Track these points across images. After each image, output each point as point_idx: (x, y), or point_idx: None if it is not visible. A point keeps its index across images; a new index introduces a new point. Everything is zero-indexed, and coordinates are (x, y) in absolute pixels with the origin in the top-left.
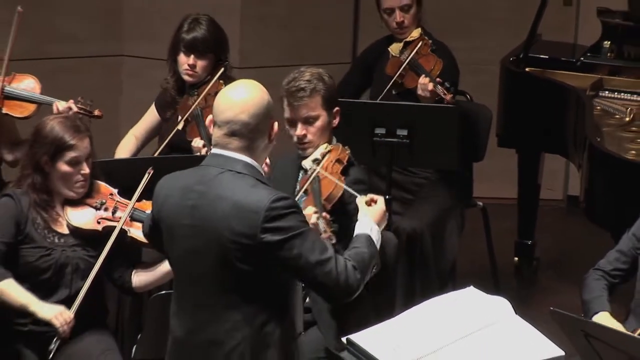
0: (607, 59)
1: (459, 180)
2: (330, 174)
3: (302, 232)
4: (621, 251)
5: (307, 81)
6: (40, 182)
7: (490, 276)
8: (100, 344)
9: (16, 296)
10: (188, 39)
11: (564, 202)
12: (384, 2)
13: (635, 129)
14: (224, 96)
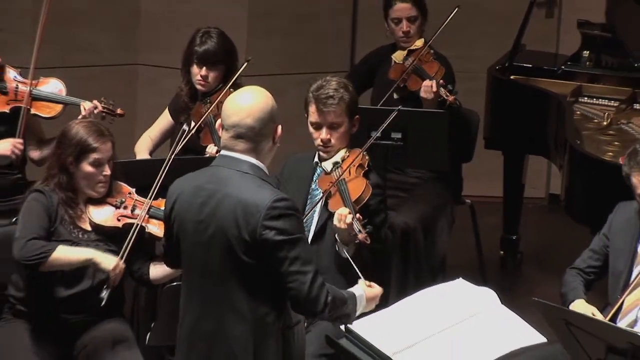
0: (586, 67)
1: (449, 179)
2: (354, 177)
3: (295, 238)
4: (593, 250)
5: (334, 90)
6: (66, 181)
7: (478, 269)
8: (116, 331)
9: (75, 255)
10: (200, 52)
11: (546, 200)
12: (392, 12)
13: (612, 133)
14: (231, 101)
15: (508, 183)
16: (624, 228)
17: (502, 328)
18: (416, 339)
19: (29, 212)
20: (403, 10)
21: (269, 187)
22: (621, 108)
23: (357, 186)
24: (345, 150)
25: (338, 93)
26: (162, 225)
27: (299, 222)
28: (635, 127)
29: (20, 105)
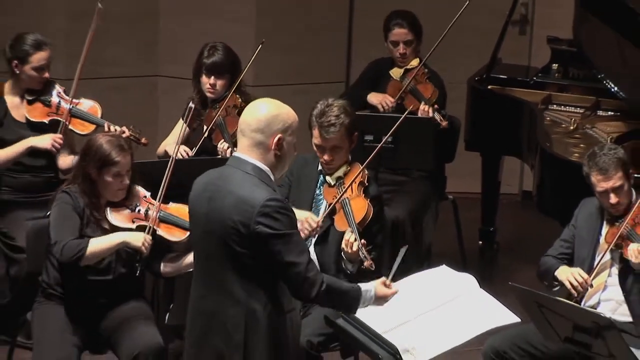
0: (555, 78)
1: (434, 178)
2: (356, 196)
3: (286, 233)
4: (564, 239)
5: (336, 116)
6: (89, 188)
7: (459, 257)
8: (137, 310)
9: (108, 243)
10: (208, 63)
11: (519, 196)
12: (391, 35)
13: (578, 136)
14: (247, 110)
15: (486, 181)
16: (587, 221)
17: (480, 309)
18: (405, 319)
19: (61, 215)
20: (400, 35)
21: (265, 187)
22: (586, 114)
23: (360, 207)
24: (346, 165)
25: (339, 119)
26: (171, 228)
27: (290, 219)
28: (599, 131)
29: (59, 119)
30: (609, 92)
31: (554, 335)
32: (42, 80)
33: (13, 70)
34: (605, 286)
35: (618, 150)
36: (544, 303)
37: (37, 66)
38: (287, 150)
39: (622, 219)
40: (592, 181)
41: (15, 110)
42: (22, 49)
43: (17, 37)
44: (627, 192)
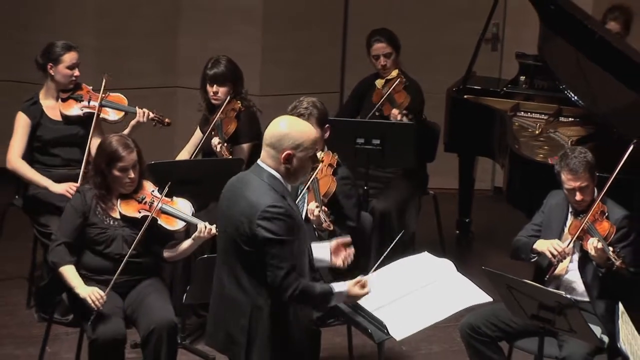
0: (523, 89)
1: (417, 175)
2: (324, 175)
3: (278, 239)
4: (534, 223)
5: (305, 108)
6: (100, 181)
7: (439, 244)
8: (153, 286)
9: (69, 279)
10: (210, 74)
11: (491, 191)
12: (372, 50)
13: (542, 139)
14: (270, 124)
15: (462, 178)
16: (554, 210)
17: (458, 290)
18: (392, 298)
19: (65, 216)
20: (379, 49)
21: (273, 194)
22: (549, 120)
23: (325, 183)
24: (320, 153)
25: (307, 111)
26: (170, 219)
27: (286, 226)
28: (561, 135)
29: (93, 111)
30: (570, 101)
31: (522, 313)
32: (74, 79)
33: (48, 73)
34: (567, 270)
35: (587, 154)
36: (513, 285)
37: (69, 64)
38: (297, 165)
39: (585, 214)
40: (562, 179)
41: (51, 111)
42: (54, 52)
43: (48, 45)
44: (591, 191)
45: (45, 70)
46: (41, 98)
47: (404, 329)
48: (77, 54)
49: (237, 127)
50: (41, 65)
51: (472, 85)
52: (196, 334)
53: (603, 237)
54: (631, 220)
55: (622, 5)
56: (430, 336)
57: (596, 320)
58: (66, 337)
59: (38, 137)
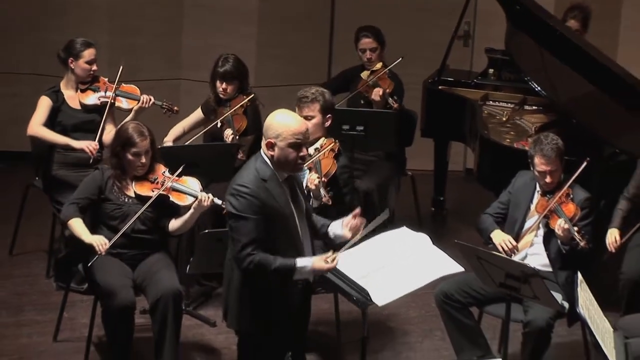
0: (491, 80)
1: (396, 158)
2: (326, 157)
3: (238, 215)
4: (500, 201)
5: (311, 93)
6: (116, 162)
7: (416, 220)
8: (160, 259)
9: (78, 231)
10: (221, 72)
11: (463, 172)
12: (359, 44)
13: (509, 126)
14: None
15: (437, 161)
16: (522, 189)
17: (433, 261)
18: (375, 268)
19: (82, 184)
20: (366, 44)
21: (252, 175)
22: (515, 109)
23: (327, 164)
24: (322, 139)
25: (312, 95)
26: (181, 196)
27: (249, 204)
28: (526, 122)
29: (107, 100)
30: (534, 91)
31: (491, 282)
32: (92, 73)
33: (69, 67)
34: (533, 244)
35: (559, 142)
36: (483, 256)
37: (88, 60)
38: (278, 154)
39: (552, 195)
40: (534, 162)
41: (71, 100)
42: (75, 48)
43: (69, 42)
44: (559, 174)
45: (66, 64)
46: (62, 88)
47: (385, 296)
48: (95, 50)
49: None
50: (63, 59)
51: (446, 77)
52: (199, 301)
53: (569, 218)
54: (592, 202)
55: (581, 5)
56: (409, 302)
57: (557, 288)
58: (82, 303)
59: (58, 122)
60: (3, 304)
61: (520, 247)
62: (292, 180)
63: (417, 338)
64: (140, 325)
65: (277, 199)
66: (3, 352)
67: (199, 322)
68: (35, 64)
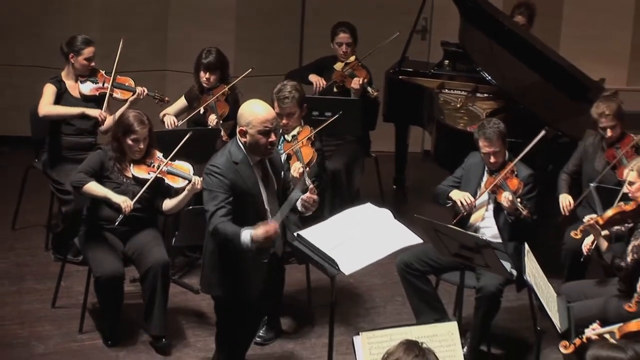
0: (447, 70)
1: (362, 141)
2: (305, 146)
3: (208, 190)
4: (455, 176)
5: (289, 92)
6: (117, 146)
7: (380, 197)
8: (150, 235)
9: (99, 191)
10: (205, 63)
11: (421, 154)
12: (336, 38)
13: (462, 112)
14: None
15: (398, 143)
16: (473, 168)
17: (395, 234)
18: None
19: (89, 158)
20: (343, 38)
21: (224, 158)
22: (468, 96)
23: (308, 153)
24: (299, 127)
25: (291, 94)
26: (175, 178)
27: (218, 181)
28: (478, 108)
29: (105, 91)
30: (485, 80)
31: (446, 252)
32: (90, 68)
33: (70, 61)
34: (484, 218)
35: (500, 125)
36: (439, 229)
37: (87, 57)
38: (250, 140)
39: (498, 173)
40: (479, 145)
41: (72, 89)
42: (76, 45)
43: (72, 38)
44: (502, 154)
45: (67, 58)
46: (64, 77)
47: (351, 265)
48: (94, 48)
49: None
50: (65, 53)
51: (405, 68)
52: (183, 271)
53: (513, 191)
54: (535, 178)
55: (527, 2)
56: (372, 271)
57: (507, 257)
58: (77, 273)
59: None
60: (6, 274)
61: (472, 221)
62: (265, 164)
63: (381, 303)
64: (130, 292)
65: (245, 181)
66: (6, 318)
67: (184, 289)
68: (34, 57)
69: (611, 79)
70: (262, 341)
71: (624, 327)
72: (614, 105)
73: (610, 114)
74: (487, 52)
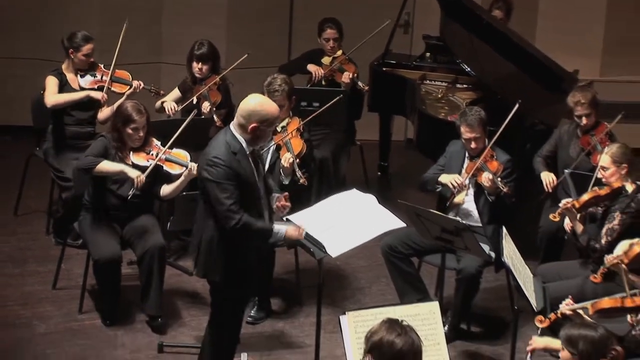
0: (428, 63)
1: (347, 129)
2: (294, 137)
3: (220, 182)
4: (439, 165)
5: (279, 85)
6: (117, 136)
7: (365, 183)
8: (147, 220)
9: (113, 167)
10: (197, 54)
11: (404, 142)
12: (324, 34)
13: (443, 102)
14: (245, 99)
15: (382, 132)
16: (455, 155)
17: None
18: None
19: (93, 145)
20: (331, 34)
21: (224, 149)
22: (449, 87)
23: (298, 144)
24: (288, 118)
25: (281, 87)
26: (173, 165)
27: (224, 172)
28: (458, 98)
29: (103, 85)
30: (464, 72)
31: (428, 235)
32: (89, 63)
33: (69, 56)
34: (465, 202)
35: (481, 113)
36: (421, 214)
37: (86, 54)
38: (261, 135)
39: (478, 157)
40: (460, 130)
41: (72, 82)
42: (76, 41)
43: (72, 34)
44: (483, 141)
45: (67, 52)
46: (64, 70)
47: (338, 248)
48: (93, 45)
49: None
50: (65, 47)
51: (389, 60)
52: (178, 253)
53: (493, 172)
54: (513, 163)
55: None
56: (358, 253)
57: (485, 240)
58: (77, 256)
59: None
60: (9, 257)
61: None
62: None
63: (366, 284)
64: (127, 275)
65: (245, 169)
66: (9, 298)
67: (178, 271)
68: (35, 50)
69: (585, 70)
70: (253, 320)
71: (596, 303)
72: (589, 94)
73: (585, 102)
74: (466, 45)
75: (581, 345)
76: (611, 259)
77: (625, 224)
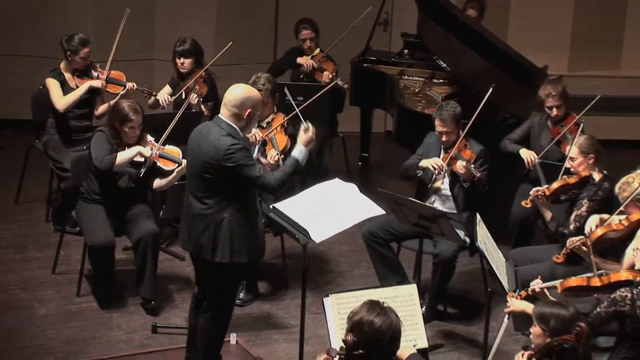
0: (406, 59)
1: (330, 122)
2: (279, 133)
3: (243, 163)
4: (417, 154)
5: (262, 84)
6: (114, 133)
7: (346, 173)
8: (142, 208)
9: (128, 153)
10: (179, 50)
11: (384, 134)
12: (300, 35)
13: (421, 96)
14: (229, 90)
15: (363, 124)
16: (431, 147)
17: (360, 205)
18: (313, 212)
19: (99, 142)
20: (306, 34)
21: (230, 137)
22: (426, 82)
23: (282, 140)
24: (272, 114)
25: (265, 86)
26: (167, 162)
27: (242, 153)
28: (434, 92)
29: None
30: (440, 67)
31: (407, 222)
32: (86, 64)
33: (67, 57)
34: (441, 190)
35: (457, 109)
36: (400, 201)
37: (83, 57)
38: (253, 119)
39: (452, 148)
40: (435, 123)
41: (70, 82)
42: (73, 45)
43: (70, 36)
44: (454, 134)
45: (65, 54)
46: (62, 69)
47: (321, 234)
48: (90, 48)
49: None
50: (64, 49)
51: (369, 57)
52: (170, 240)
53: (467, 160)
54: (486, 153)
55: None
56: (341, 239)
57: (461, 226)
58: (75, 243)
59: None
60: (10, 244)
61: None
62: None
63: (348, 268)
64: (122, 260)
65: None
66: (10, 283)
67: (171, 257)
68: (34, 47)
69: (554, 65)
70: (242, 303)
71: (564, 282)
72: (559, 87)
73: (556, 94)
74: (442, 42)
75: (552, 322)
76: (574, 240)
77: (592, 210)
